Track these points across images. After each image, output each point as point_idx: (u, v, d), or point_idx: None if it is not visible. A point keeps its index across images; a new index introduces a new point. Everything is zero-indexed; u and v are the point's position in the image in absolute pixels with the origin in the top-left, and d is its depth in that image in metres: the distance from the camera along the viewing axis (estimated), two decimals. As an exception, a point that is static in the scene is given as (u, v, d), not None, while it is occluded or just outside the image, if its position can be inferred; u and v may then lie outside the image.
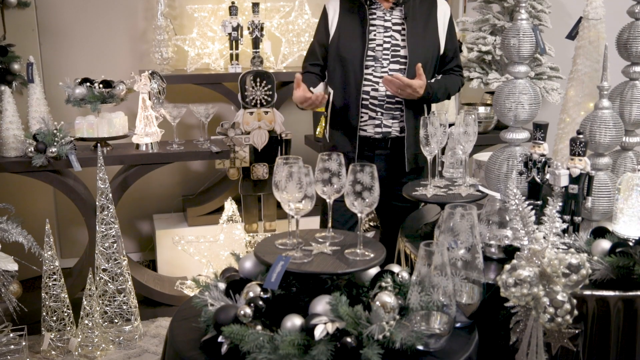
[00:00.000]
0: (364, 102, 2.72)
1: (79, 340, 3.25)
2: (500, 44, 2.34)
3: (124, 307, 3.38)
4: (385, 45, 2.70)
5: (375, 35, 2.70)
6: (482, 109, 3.98)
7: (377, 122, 2.74)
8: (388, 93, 2.68)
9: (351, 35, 2.72)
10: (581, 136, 1.98)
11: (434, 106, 3.97)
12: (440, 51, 2.80)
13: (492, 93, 4.01)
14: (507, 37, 2.22)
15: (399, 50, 2.70)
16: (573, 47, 2.57)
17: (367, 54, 2.69)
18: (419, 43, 2.71)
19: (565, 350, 1.69)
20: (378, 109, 2.72)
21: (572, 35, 2.60)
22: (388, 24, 2.71)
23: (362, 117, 2.75)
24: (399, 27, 2.71)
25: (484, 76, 3.92)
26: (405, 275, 1.73)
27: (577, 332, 1.64)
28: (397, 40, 2.70)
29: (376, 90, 2.70)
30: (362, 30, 2.70)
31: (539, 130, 2.05)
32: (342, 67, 2.74)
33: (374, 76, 2.70)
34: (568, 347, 1.66)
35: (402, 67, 2.69)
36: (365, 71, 2.70)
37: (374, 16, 2.71)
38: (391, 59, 2.70)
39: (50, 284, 3.19)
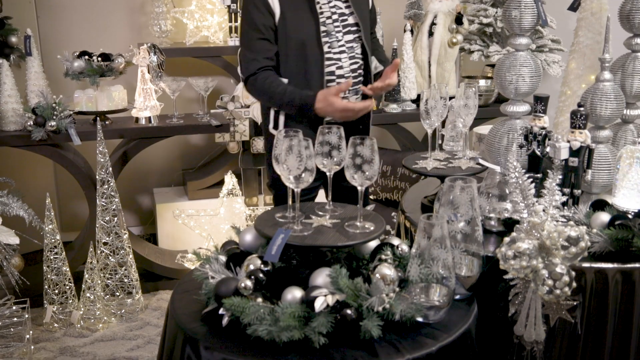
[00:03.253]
0: (329, 84, 2.48)
1: (81, 313, 3.28)
2: (502, 15, 2.32)
3: (125, 280, 3.40)
4: (334, 17, 2.47)
5: (321, 7, 2.45)
6: (482, 82, 3.97)
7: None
8: (353, 67, 2.51)
9: (298, 13, 2.43)
10: (582, 109, 1.97)
11: (434, 79, 3.99)
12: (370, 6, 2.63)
13: (493, 66, 3.98)
14: (509, 8, 2.20)
15: (347, 19, 2.50)
16: (575, 19, 2.55)
17: (321, 30, 2.44)
18: (361, 6, 2.53)
19: (564, 321, 1.71)
20: None
21: (574, 6, 2.57)
22: None
23: None
24: None
25: (485, 49, 3.89)
26: (405, 247, 1.74)
27: (575, 304, 1.66)
28: (342, 8, 2.49)
29: (340, 67, 2.49)
30: (308, 5, 2.43)
31: (540, 103, 2.05)
32: (296, 52, 2.45)
33: (334, 53, 2.48)
34: (566, 318, 1.67)
35: (356, 35, 2.52)
36: (324, 49, 2.45)
37: None
38: (343, 30, 2.49)
39: (52, 258, 3.21)
